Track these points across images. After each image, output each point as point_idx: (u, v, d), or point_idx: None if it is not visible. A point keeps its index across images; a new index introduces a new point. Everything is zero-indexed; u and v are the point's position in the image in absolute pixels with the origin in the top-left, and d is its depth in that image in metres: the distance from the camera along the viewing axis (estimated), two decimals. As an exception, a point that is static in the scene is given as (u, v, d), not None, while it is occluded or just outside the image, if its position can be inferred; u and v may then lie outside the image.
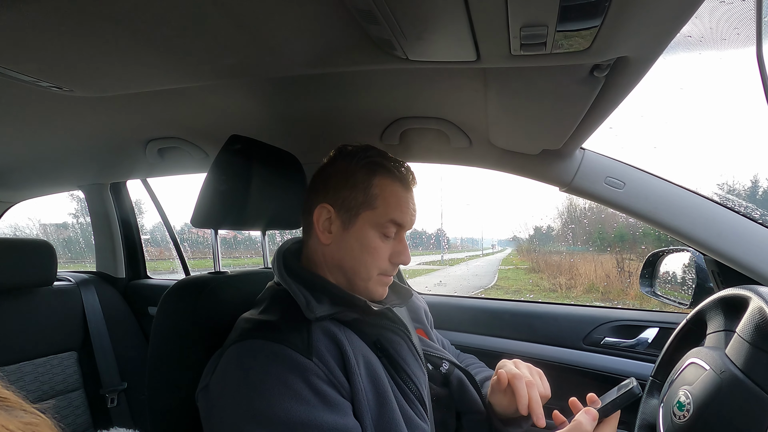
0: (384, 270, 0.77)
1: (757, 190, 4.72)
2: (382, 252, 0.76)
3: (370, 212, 0.75)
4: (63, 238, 5.55)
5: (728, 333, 0.71)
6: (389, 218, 0.75)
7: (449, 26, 0.51)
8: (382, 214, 0.75)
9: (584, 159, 1.01)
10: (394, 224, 0.76)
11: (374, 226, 0.75)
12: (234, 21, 0.56)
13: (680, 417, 0.67)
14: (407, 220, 0.77)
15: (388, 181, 0.76)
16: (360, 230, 0.75)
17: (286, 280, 0.73)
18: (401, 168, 0.78)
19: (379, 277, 0.77)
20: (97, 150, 1.34)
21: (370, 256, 0.75)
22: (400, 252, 0.77)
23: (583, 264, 6.48)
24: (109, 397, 1.57)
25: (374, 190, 0.75)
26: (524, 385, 0.75)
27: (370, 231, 0.75)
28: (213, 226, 0.92)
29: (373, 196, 0.75)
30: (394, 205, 0.75)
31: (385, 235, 0.76)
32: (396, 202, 0.76)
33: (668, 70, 0.91)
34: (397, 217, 0.75)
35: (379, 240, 0.75)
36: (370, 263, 0.75)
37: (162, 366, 0.80)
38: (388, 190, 0.75)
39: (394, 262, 0.77)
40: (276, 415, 0.58)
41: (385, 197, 0.75)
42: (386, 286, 0.79)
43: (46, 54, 0.63)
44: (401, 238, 0.78)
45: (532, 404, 0.73)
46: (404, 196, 0.77)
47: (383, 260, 0.76)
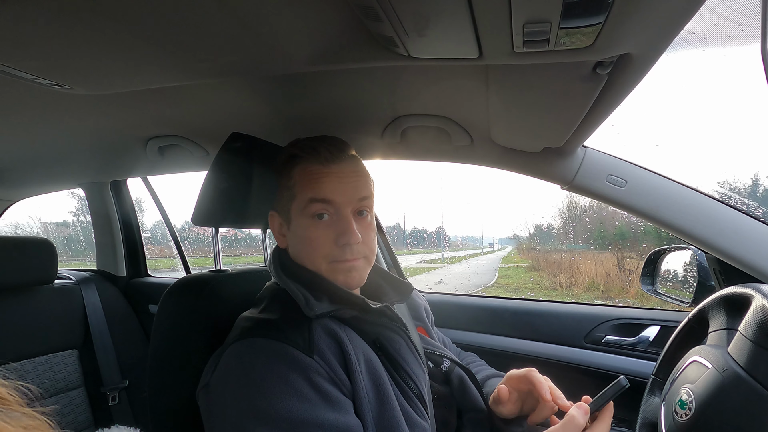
0: (332, 256, 0.72)
1: (758, 188, 4.71)
2: (319, 239, 0.72)
3: (295, 202, 0.74)
4: (64, 236, 5.56)
5: (730, 331, 0.71)
6: (307, 198, 0.72)
7: (452, 23, 0.51)
8: (301, 198, 0.73)
9: (586, 157, 1.01)
10: (317, 202, 0.71)
11: (301, 214, 0.73)
12: (235, 18, 0.56)
13: (682, 415, 0.67)
14: (333, 195, 0.72)
15: (303, 166, 0.74)
16: (295, 225, 0.75)
17: (283, 280, 0.73)
18: (317, 147, 0.74)
19: (330, 265, 0.73)
20: (97, 148, 1.33)
21: (309, 247, 0.73)
22: (341, 231, 0.71)
23: (584, 262, 6.48)
24: (110, 395, 1.57)
25: (293, 180, 0.74)
26: (541, 377, 0.77)
27: (301, 221, 0.73)
28: (213, 224, 0.92)
29: (293, 186, 0.74)
30: (309, 184, 0.72)
31: (317, 218, 0.72)
32: (310, 179, 0.73)
33: (671, 67, 0.90)
34: (315, 193, 0.71)
35: (314, 228, 0.72)
36: (313, 254, 0.73)
37: (163, 364, 0.80)
38: (304, 173, 0.74)
39: (340, 243, 0.71)
40: (277, 413, 0.58)
41: (301, 181, 0.73)
42: (351, 273, 0.74)
43: (46, 51, 0.63)
44: (342, 216, 0.72)
45: (553, 391, 0.74)
46: (321, 171, 0.73)
47: (325, 247, 0.72)
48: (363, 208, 0.75)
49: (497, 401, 0.82)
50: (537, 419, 0.77)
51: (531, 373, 0.78)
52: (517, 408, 0.81)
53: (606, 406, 0.68)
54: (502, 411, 0.81)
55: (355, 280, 0.74)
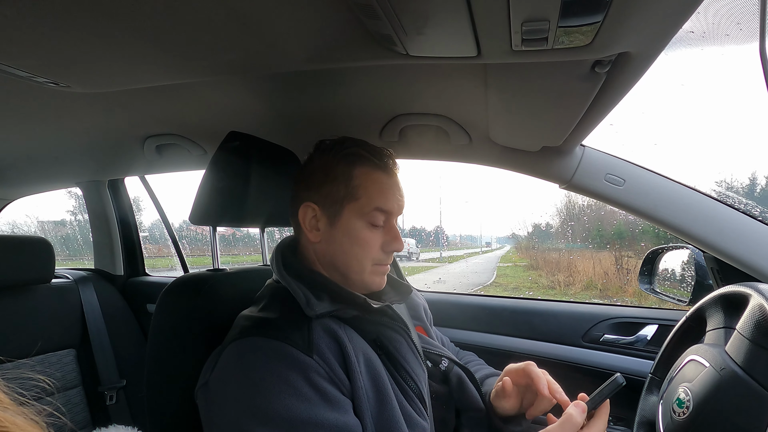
0: (378, 260, 0.76)
1: (756, 187, 4.72)
2: (372, 242, 0.75)
3: (354, 204, 0.74)
4: (61, 235, 5.54)
5: (728, 330, 0.71)
6: (374, 207, 0.73)
7: (450, 21, 0.51)
8: (365, 203, 0.73)
9: (584, 156, 1.01)
10: (380, 212, 0.74)
11: (360, 217, 0.74)
12: (233, 16, 0.55)
13: (680, 414, 0.67)
14: (393, 207, 0.76)
15: (368, 170, 0.75)
16: (347, 224, 0.74)
17: (286, 278, 0.73)
18: (381, 155, 0.77)
19: (374, 267, 0.76)
20: (94, 147, 1.33)
21: (360, 249, 0.74)
22: (391, 240, 0.76)
23: (582, 261, 6.49)
24: (107, 394, 1.57)
25: (355, 181, 0.74)
26: (539, 371, 0.77)
27: (356, 223, 0.74)
28: (211, 223, 0.91)
29: (354, 188, 0.74)
30: (377, 193, 0.74)
31: (373, 225, 0.74)
32: (378, 189, 0.74)
33: (670, 66, 0.90)
34: (382, 204, 0.74)
35: (368, 231, 0.74)
36: (362, 255, 0.74)
37: (161, 363, 0.80)
38: (370, 179, 0.74)
39: (387, 250, 0.76)
40: (276, 413, 0.58)
41: (367, 186, 0.74)
42: (383, 276, 0.78)
43: (43, 49, 0.62)
44: (391, 226, 0.77)
45: (551, 385, 0.75)
46: (387, 183, 0.76)
47: (375, 250, 0.75)
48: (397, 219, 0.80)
49: (500, 395, 0.82)
50: (535, 413, 0.77)
51: (529, 367, 0.78)
52: (517, 402, 0.81)
53: (603, 403, 0.68)
54: (504, 406, 0.81)
55: (383, 283, 0.79)
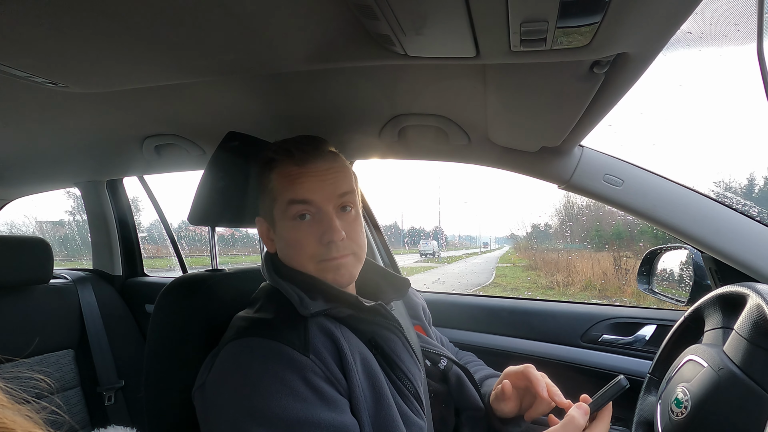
0: (320, 256, 0.72)
1: (754, 188, 4.73)
2: (302, 239, 0.72)
3: (276, 206, 0.73)
4: (59, 235, 5.53)
5: (726, 330, 0.71)
6: (286, 200, 0.72)
7: (449, 22, 0.51)
8: (281, 201, 0.72)
9: (583, 156, 1.01)
10: (296, 203, 0.71)
11: (283, 217, 0.73)
12: (232, 16, 0.55)
13: (678, 414, 0.67)
14: (311, 195, 0.71)
15: (279, 168, 0.73)
16: (280, 228, 0.74)
17: (277, 281, 0.73)
18: (292, 150, 0.73)
19: (319, 264, 0.72)
20: (93, 147, 1.33)
21: (294, 249, 0.73)
22: (324, 230, 0.71)
23: (581, 261, 6.50)
24: (106, 394, 1.57)
25: (272, 184, 0.74)
26: (538, 374, 0.77)
27: (284, 224, 0.73)
28: (210, 223, 0.91)
29: (272, 190, 0.74)
30: (287, 186, 0.72)
31: (300, 219, 0.71)
32: (288, 181, 0.72)
33: (668, 67, 0.91)
34: (293, 194, 0.71)
35: (295, 229, 0.72)
36: (299, 255, 0.73)
37: (159, 364, 0.80)
38: (281, 176, 0.73)
39: (324, 242, 0.71)
40: (273, 413, 0.58)
41: (279, 184, 0.73)
42: (339, 270, 0.73)
43: (41, 49, 0.62)
44: (324, 214, 0.71)
45: (550, 388, 0.75)
46: (297, 172, 0.72)
47: (310, 247, 0.72)
48: (345, 203, 0.74)
49: (499, 398, 0.81)
50: (534, 415, 0.78)
51: (528, 370, 0.78)
52: (516, 405, 0.81)
53: (605, 406, 0.68)
54: (503, 408, 0.81)
55: (345, 278, 0.73)
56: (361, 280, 0.83)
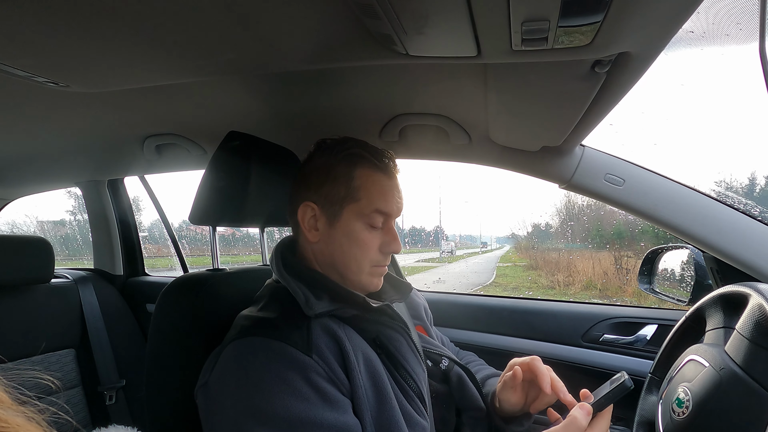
0: (376, 261, 0.76)
1: (756, 187, 4.72)
2: (370, 243, 0.75)
3: (354, 205, 0.74)
4: (60, 235, 5.53)
5: (728, 330, 0.71)
6: (374, 208, 0.73)
7: (450, 21, 0.51)
8: (366, 205, 0.73)
9: (584, 156, 1.01)
10: (380, 214, 0.74)
11: (360, 218, 0.74)
12: (233, 16, 0.55)
13: (679, 413, 0.67)
14: (393, 209, 0.76)
15: (369, 172, 0.75)
16: (346, 224, 0.74)
17: (285, 278, 0.73)
18: (382, 157, 0.77)
19: (372, 269, 0.76)
20: (94, 146, 1.33)
21: (359, 250, 0.74)
22: (389, 241, 0.76)
23: (582, 261, 6.48)
24: (107, 394, 1.57)
25: (356, 182, 0.74)
26: (544, 367, 0.77)
27: (356, 224, 0.74)
28: (211, 223, 0.91)
29: (355, 188, 0.74)
30: (377, 195, 0.74)
31: (372, 226, 0.74)
32: (379, 191, 0.74)
33: (669, 66, 0.90)
34: (382, 206, 0.74)
35: (367, 232, 0.74)
36: (360, 256, 0.74)
37: (160, 363, 0.80)
38: (370, 181, 0.74)
39: (385, 251, 0.76)
40: (276, 413, 0.58)
41: (368, 188, 0.74)
42: (381, 277, 0.79)
43: (42, 49, 0.62)
44: (389, 227, 0.77)
45: (554, 383, 0.75)
46: (387, 185, 0.76)
47: (373, 251, 0.75)
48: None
49: (507, 385, 0.81)
50: (539, 406, 0.78)
51: (534, 362, 0.78)
52: (522, 396, 0.81)
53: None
54: (510, 399, 0.80)
55: (381, 284, 0.79)
56: None
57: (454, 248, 12.21)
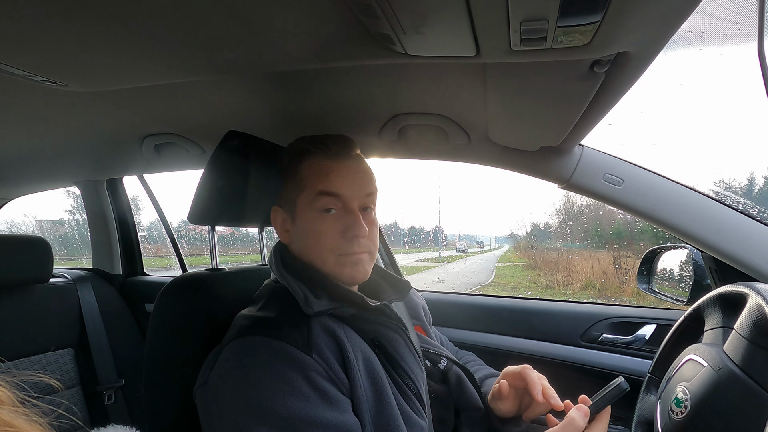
0: (338, 249, 0.73)
1: (754, 187, 4.73)
2: (327, 231, 0.72)
3: (303, 195, 0.74)
4: (59, 234, 5.53)
5: (726, 330, 0.71)
6: (317, 191, 0.73)
7: (449, 21, 0.51)
8: (310, 191, 0.73)
9: (583, 156, 1.01)
10: (326, 195, 0.72)
11: (310, 207, 0.73)
12: (231, 15, 0.55)
13: (678, 413, 0.67)
14: (341, 189, 0.73)
15: (312, 161, 0.75)
16: (302, 218, 0.75)
17: (285, 276, 0.73)
18: (327, 144, 0.76)
19: (338, 258, 0.73)
20: (92, 146, 1.33)
21: (316, 239, 0.73)
22: (349, 224, 0.72)
23: (581, 261, 6.49)
24: (106, 394, 1.57)
25: (301, 174, 0.75)
26: (535, 374, 0.77)
27: (309, 214, 0.74)
28: (210, 222, 0.91)
29: (301, 179, 0.75)
30: (318, 177, 0.73)
31: (325, 211, 0.73)
32: (320, 172, 0.74)
33: (668, 66, 0.90)
34: (325, 186, 0.72)
35: (320, 220, 0.73)
36: (319, 246, 0.73)
37: (159, 363, 0.80)
38: (313, 168, 0.75)
39: (348, 236, 0.72)
40: (275, 412, 0.58)
41: (310, 174, 0.74)
42: (355, 267, 0.74)
43: (40, 48, 0.62)
44: (349, 209, 0.73)
45: (546, 390, 0.75)
46: (330, 165, 0.74)
47: (332, 239, 0.72)
48: (368, 204, 0.77)
49: (497, 397, 0.82)
50: (532, 415, 0.78)
51: (525, 371, 0.78)
52: (515, 405, 0.81)
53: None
54: (501, 408, 0.81)
55: (361, 274, 0.75)
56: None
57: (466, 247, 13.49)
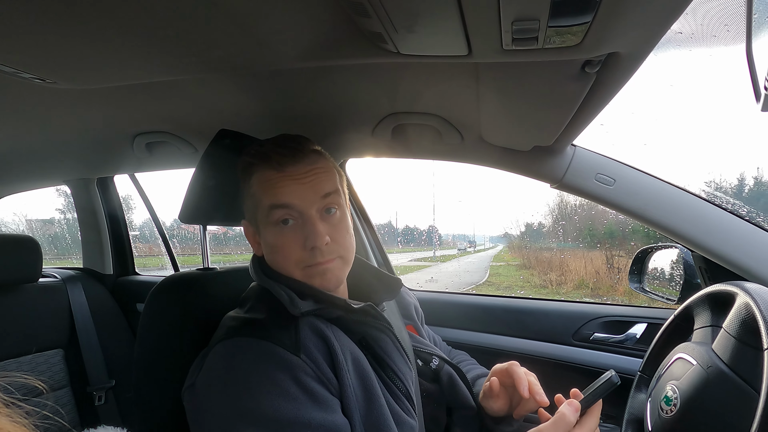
0: (303, 261, 0.70)
1: (744, 188, 4.79)
2: (289, 245, 0.70)
3: (259, 211, 0.72)
4: (49, 234, 5.46)
5: (715, 328, 0.72)
6: (267, 205, 0.69)
7: (441, 20, 0.51)
8: (262, 206, 0.71)
9: (575, 156, 1.01)
10: (278, 208, 0.69)
11: (266, 223, 0.71)
12: (223, 12, 0.55)
13: (667, 411, 0.68)
14: (290, 199, 0.69)
15: (258, 174, 0.71)
16: (264, 232, 0.72)
17: (267, 282, 0.72)
18: (269, 154, 0.71)
19: (304, 270, 0.71)
20: (83, 144, 1.31)
21: (279, 254, 0.71)
22: (307, 235, 0.69)
23: (574, 260, 6.54)
24: (96, 394, 1.55)
25: (253, 189, 0.72)
26: (522, 371, 0.77)
27: (267, 229, 0.71)
28: (201, 221, 0.91)
29: (253, 195, 0.72)
30: (267, 191, 0.70)
31: (282, 224, 0.70)
32: (267, 186, 0.70)
33: (659, 66, 0.91)
34: (273, 199, 0.69)
35: (279, 235, 0.70)
36: (284, 261, 0.71)
37: (150, 363, 0.79)
38: (260, 182, 0.71)
39: (309, 247, 0.69)
40: (264, 413, 0.58)
41: (258, 190, 0.71)
42: (324, 276, 0.71)
43: (28, 45, 0.61)
44: (306, 218, 0.69)
45: (532, 386, 0.75)
46: (275, 177, 0.70)
47: (293, 251, 0.70)
48: (329, 205, 0.72)
49: (487, 395, 0.82)
50: (522, 412, 0.78)
51: (512, 367, 0.78)
52: (506, 403, 0.81)
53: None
54: (493, 406, 0.81)
55: (332, 282, 0.72)
56: (354, 280, 0.82)
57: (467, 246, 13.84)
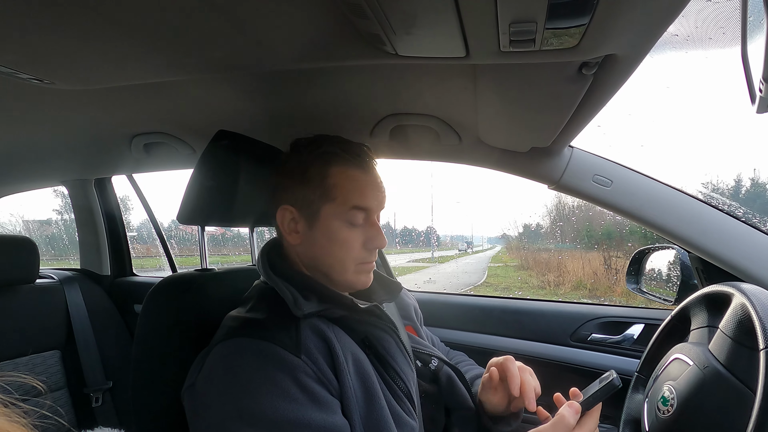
0: (360, 258, 0.74)
1: (741, 189, 4.81)
2: (353, 242, 0.73)
3: (331, 204, 0.72)
4: (47, 234, 5.44)
5: (711, 329, 0.72)
6: (351, 206, 0.72)
7: (438, 21, 0.51)
8: (342, 203, 0.72)
9: (572, 157, 1.02)
10: (358, 210, 0.73)
11: (338, 217, 0.72)
12: (222, 13, 0.55)
13: (664, 412, 0.68)
14: (371, 203, 0.74)
15: (343, 169, 0.73)
16: (325, 225, 0.73)
17: (273, 279, 0.72)
18: (356, 152, 0.75)
19: (357, 266, 0.75)
20: (80, 145, 1.31)
21: (341, 249, 0.73)
22: (373, 236, 0.74)
23: (571, 261, 6.55)
24: (93, 396, 1.55)
25: (330, 181, 0.72)
26: (516, 368, 0.77)
27: (334, 223, 0.72)
28: (199, 222, 0.90)
29: (330, 188, 0.72)
30: (353, 191, 0.72)
31: (352, 224, 0.73)
32: (355, 187, 0.73)
33: (655, 68, 0.92)
34: (359, 202, 0.72)
35: (347, 230, 0.73)
36: (343, 256, 0.73)
37: (147, 364, 0.79)
38: (345, 177, 0.73)
39: (370, 248, 0.74)
40: (264, 414, 0.58)
41: (343, 185, 0.72)
42: (369, 274, 0.77)
43: (25, 45, 0.61)
44: (372, 222, 0.75)
45: (524, 386, 0.75)
46: (363, 179, 0.74)
47: (356, 249, 0.73)
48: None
49: (486, 387, 0.82)
50: (519, 405, 0.79)
51: (506, 363, 0.78)
52: (504, 397, 0.81)
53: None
54: (492, 400, 0.81)
55: (370, 280, 0.78)
56: None
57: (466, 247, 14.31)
